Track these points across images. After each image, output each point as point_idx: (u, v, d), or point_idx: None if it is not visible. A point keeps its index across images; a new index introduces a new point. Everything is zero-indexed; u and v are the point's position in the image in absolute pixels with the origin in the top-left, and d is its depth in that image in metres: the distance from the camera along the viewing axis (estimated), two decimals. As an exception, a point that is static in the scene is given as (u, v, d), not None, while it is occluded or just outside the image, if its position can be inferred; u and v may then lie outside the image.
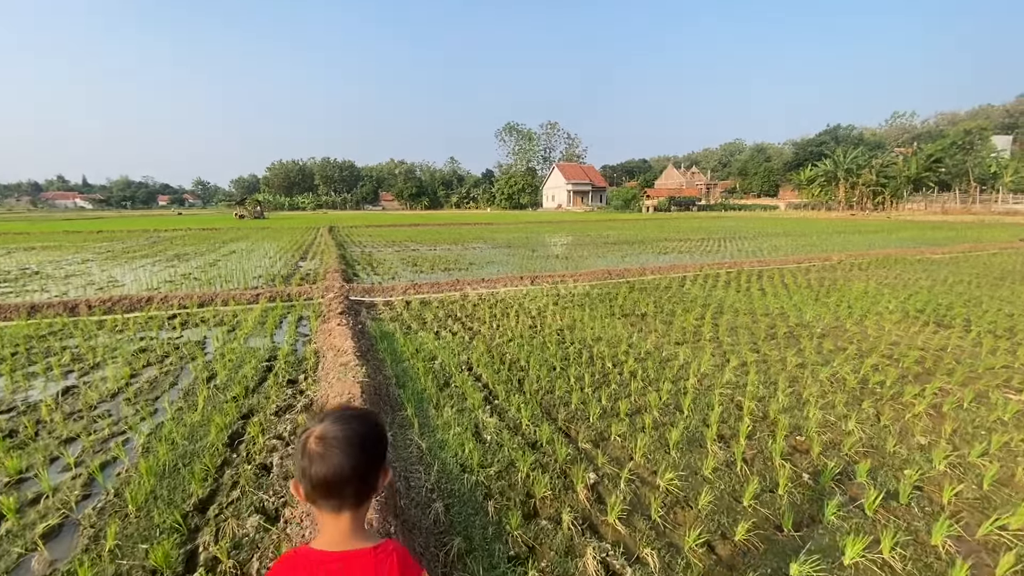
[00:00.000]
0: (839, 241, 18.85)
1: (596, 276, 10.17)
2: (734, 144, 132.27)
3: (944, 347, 5.40)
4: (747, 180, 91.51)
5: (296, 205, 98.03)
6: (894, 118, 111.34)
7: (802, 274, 10.45)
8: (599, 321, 6.51)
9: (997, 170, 48.26)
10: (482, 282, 9.36)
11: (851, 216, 44.86)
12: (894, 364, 4.88)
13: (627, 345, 5.42)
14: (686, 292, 8.59)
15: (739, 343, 5.51)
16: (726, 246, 17.36)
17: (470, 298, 8.16)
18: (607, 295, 8.29)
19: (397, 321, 6.66)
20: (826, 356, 5.09)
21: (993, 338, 5.71)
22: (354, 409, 1.13)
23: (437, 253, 15.72)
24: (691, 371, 4.56)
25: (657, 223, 35.23)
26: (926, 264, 12.02)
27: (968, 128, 52.95)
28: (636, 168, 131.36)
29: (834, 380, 4.44)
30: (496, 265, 12.53)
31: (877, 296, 8.02)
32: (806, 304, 7.51)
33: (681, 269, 11.04)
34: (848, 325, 6.31)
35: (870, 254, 13.59)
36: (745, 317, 6.76)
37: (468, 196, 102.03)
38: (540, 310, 7.20)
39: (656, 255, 14.85)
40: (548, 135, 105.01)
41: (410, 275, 11.07)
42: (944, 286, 8.97)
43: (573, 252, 15.68)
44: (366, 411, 1.16)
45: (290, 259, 13.90)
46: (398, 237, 22.87)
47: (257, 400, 3.94)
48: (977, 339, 5.67)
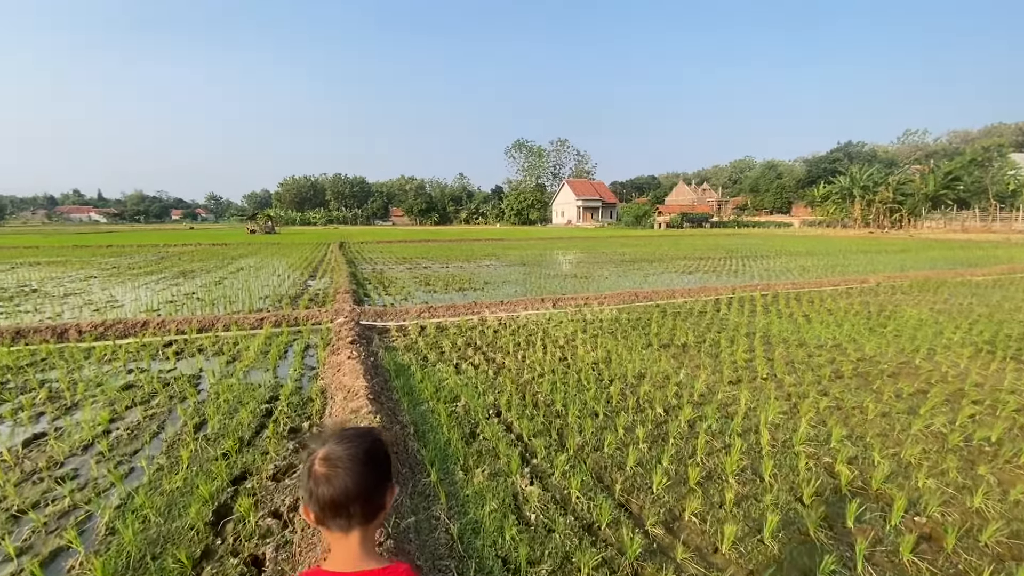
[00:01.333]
0: (867, 261, 18.07)
1: (622, 299, 9.52)
2: (744, 161, 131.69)
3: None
4: (759, 197, 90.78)
5: (307, 220, 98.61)
6: (906, 136, 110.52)
7: (843, 298, 9.73)
8: (636, 353, 5.85)
9: (1016, 188, 47.19)
10: (501, 305, 8.75)
11: (870, 234, 43.89)
12: (992, 413, 4.17)
13: (676, 385, 4.76)
14: (724, 318, 7.91)
15: (802, 383, 4.82)
16: (750, 265, 16.65)
17: (489, 323, 7.54)
18: (639, 321, 7.64)
19: (412, 351, 6.05)
20: (908, 402, 4.39)
21: (1094, 379, 4.98)
22: (356, 428, 1.14)
23: (449, 271, 15.16)
24: (760, 421, 3.88)
25: (672, 240, 34.56)
26: (972, 287, 11.24)
27: (986, 145, 51.96)
28: (645, 184, 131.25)
29: (931, 435, 3.75)
30: (512, 285, 11.93)
31: (936, 325, 7.29)
32: (860, 334, 6.80)
33: (712, 291, 10.36)
34: (917, 361, 5.61)
35: (908, 276, 12.82)
36: (798, 350, 6.07)
37: (477, 212, 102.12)
38: (568, 339, 6.56)
39: (679, 275, 14.18)
40: (558, 152, 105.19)
41: (423, 295, 10.49)
42: (1003, 313, 8.22)
43: (592, 271, 15.05)
44: (368, 429, 1.17)
45: (299, 277, 13.40)
46: (409, 254, 22.40)
47: (252, 457, 3.32)
48: (1076, 381, 4.95)
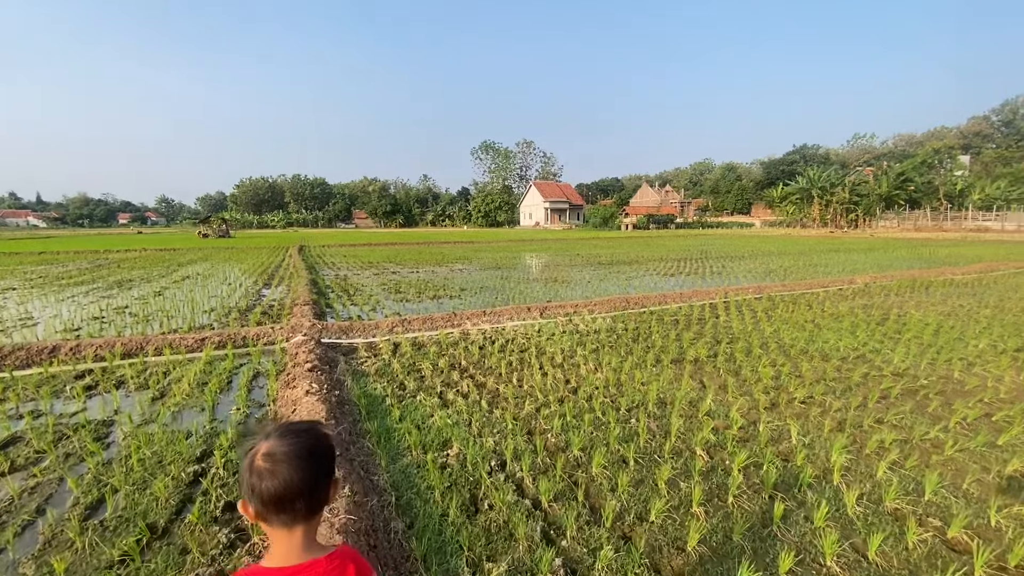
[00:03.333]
0: (842, 260, 18.07)
1: (613, 305, 8.78)
2: (703, 163, 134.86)
3: (1110, 408, 4.15)
4: (720, 198, 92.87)
5: (265, 223, 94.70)
6: (855, 139, 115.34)
7: (839, 300, 9.29)
8: (647, 371, 5.07)
9: (964, 188, 49.60)
10: (484, 315, 7.84)
11: (830, 233, 45.16)
12: (1076, 440, 3.58)
13: (706, 415, 3.99)
14: (727, 326, 7.26)
15: (849, 407, 4.14)
16: (730, 266, 16.31)
17: (473, 337, 6.64)
18: (638, 331, 6.89)
19: (386, 376, 5.08)
20: (980, 431, 3.75)
21: None
22: (299, 423, 1.12)
23: (420, 276, 14.13)
24: (831, 465, 3.14)
25: (642, 241, 34.41)
26: (959, 287, 11.08)
27: (936, 147, 54.55)
28: (609, 186, 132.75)
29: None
30: (491, 292, 11.03)
31: (952, 331, 6.84)
32: (880, 343, 6.25)
33: (704, 295, 9.76)
34: (957, 375, 5.05)
35: (893, 276, 12.64)
36: (823, 363, 5.44)
37: (443, 214, 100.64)
38: (566, 355, 5.73)
39: (661, 277, 13.61)
40: (524, 153, 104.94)
41: (394, 304, 9.47)
42: (1012, 315, 7.90)
43: (571, 275, 14.32)
44: (312, 424, 1.14)
45: (252, 286, 12.10)
46: (375, 257, 21.15)
47: (164, 562, 2.32)
48: None
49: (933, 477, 2.93)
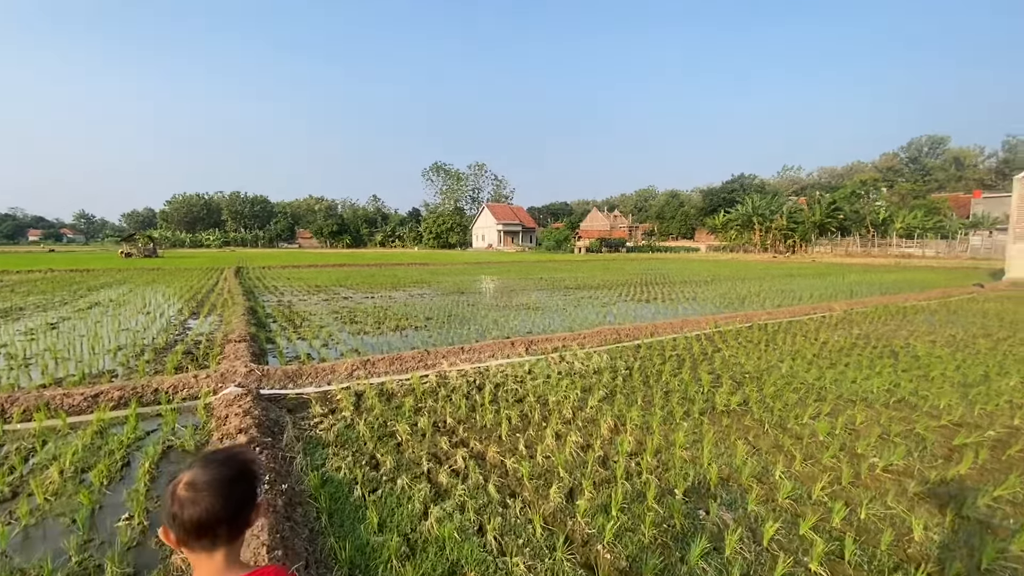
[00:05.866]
0: (804, 285, 18.24)
1: (604, 338, 7.86)
2: (647, 190, 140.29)
3: None
4: (665, 223, 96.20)
5: (199, 242, 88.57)
6: (784, 171, 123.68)
7: (830, 330, 8.84)
8: (679, 428, 4.10)
9: (886, 217, 53.55)
10: (461, 352, 6.68)
11: (773, 258, 47.16)
12: None
13: (789, 498, 3.04)
14: (734, 361, 6.49)
15: (946, 478, 3.33)
16: (700, 292, 15.96)
17: (454, 382, 5.47)
18: (644, 371, 5.96)
19: (351, 447, 3.82)
20: (1114, 505, 3.03)
21: None
22: (222, 451, 1.15)
23: (377, 302, 12.72)
24: None
25: (600, 264, 34.27)
26: (928, 314, 11.04)
27: (863, 179, 58.89)
28: (559, 210, 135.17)
29: None
30: (461, 321, 9.86)
31: (970, 366, 6.38)
32: (908, 381, 5.64)
33: (694, 325, 9.05)
34: (1016, 422, 4.43)
35: (865, 302, 12.57)
36: (869, 410, 4.69)
37: (394, 235, 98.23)
38: (576, 408, 4.68)
39: (637, 304, 12.93)
40: (476, 175, 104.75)
41: (350, 339, 8.11)
42: (1006, 345, 7.64)
43: (543, 300, 13.37)
44: (234, 451, 1.16)
45: (177, 316, 10.30)
46: (323, 280, 19.38)
47: None
48: None
49: None
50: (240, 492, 1.08)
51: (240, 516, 1.08)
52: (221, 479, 1.06)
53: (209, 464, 1.08)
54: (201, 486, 1.04)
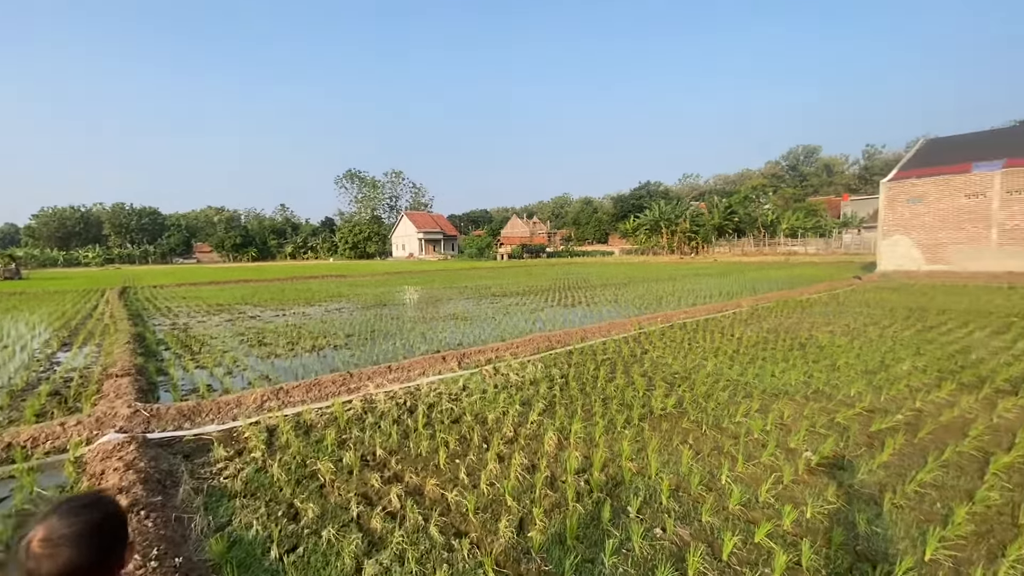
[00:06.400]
0: (711, 284, 19.50)
1: (536, 346, 7.72)
2: (562, 197, 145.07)
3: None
4: (580, 229, 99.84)
5: (75, 260, 78.03)
6: (685, 178, 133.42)
7: (743, 325, 9.39)
8: (623, 437, 3.99)
9: (774, 219, 59.43)
10: (388, 371, 6.21)
11: (680, 259, 50.41)
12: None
13: (741, 504, 3.00)
14: (662, 362, 6.62)
15: (874, 468, 3.49)
16: (620, 294, 16.48)
17: (382, 407, 5.01)
18: (580, 379, 5.87)
19: (263, 496, 3.29)
20: (1005, 481, 3.31)
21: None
22: (84, 496, 1.06)
23: (289, 320, 11.71)
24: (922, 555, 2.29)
25: (523, 270, 34.60)
26: (824, 305, 12.16)
27: (755, 185, 64.80)
28: (479, 218, 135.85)
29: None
30: (386, 336, 9.29)
31: (868, 354, 6.99)
32: (820, 372, 6.03)
33: (620, 328, 9.21)
34: (918, 404, 4.84)
35: (767, 298, 13.61)
36: (792, 403, 4.92)
37: (305, 246, 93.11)
38: (517, 423, 4.44)
39: (564, 308, 13.04)
40: (393, 183, 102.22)
41: (259, 363, 7.30)
42: (893, 331, 8.52)
43: (471, 309, 13.06)
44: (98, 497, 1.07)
45: (43, 348, 8.75)
46: (226, 298, 17.65)
47: None
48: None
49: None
50: (105, 538, 1.01)
51: (107, 562, 1.01)
52: (81, 528, 0.97)
53: (68, 513, 0.98)
54: (58, 540, 0.94)
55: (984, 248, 19.39)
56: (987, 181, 19.25)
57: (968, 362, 6.35)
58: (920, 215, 21.01)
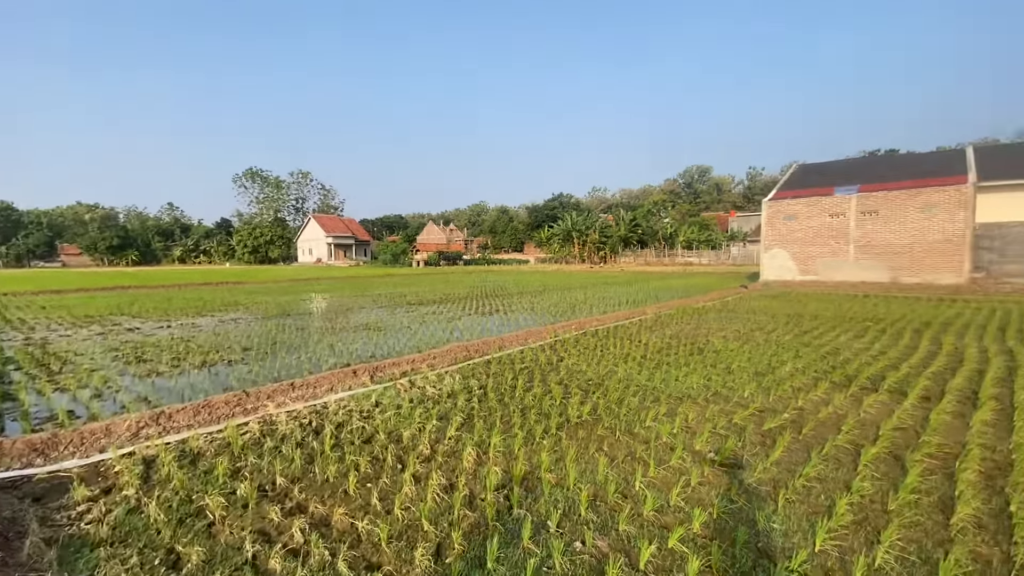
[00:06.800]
0: (619, 292, 20.51)
1: (454, 357, 7.57)
2: (479, 205, 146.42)
3: (938, 426, 4.74)
4: (497, 237, 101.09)
5: None
6: (594, 191, 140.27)
7: (648, 332, 9.94)
8: (540, 448, 3.99)
9: (672, 232, 64.31)
10: (291, 388, 5.73)
11: (590, 268, 52.62)
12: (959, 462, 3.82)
13: (656, 510, 3.09)
14: (577, 369, 6.78)
15: (769, 465, 3.79)
16: (535, 302, 16.78)
17: (283, 429, 4.60)
18: (499, 389, 5.83)
19: (133, 545, 2.83)
20: (883, 463, 3.75)
21: (919, 400, 5.43)
22: None
23: (176, 333, 10.50)
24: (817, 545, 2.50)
25: (441, 277, 34.16)
26: (717, 312, 13.24)
27: (656, 200, 69.49)
28: (394, 223, 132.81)
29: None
30: (289, 349, 8.62)
31: (757, 357, 7.66)
32: (718, 375, 6.51)
33: (537, 336, 9.34)
34: (800, 403, 5.36)
35: (668, 305, 14.56)
36: (695, 406, 5.23)
37: (197, 249, 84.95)
38: (434, 440, 4.27)
39: (481, 317, 12.99)
40: (300, 184, 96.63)
41: (136, 383, 6.42)
42: (776, 336, 9.44)
43: (385, 319, 12.55)
44: None
45: None
46: (99, 308, 15.46)
47: None
48: (916, 405, 5.29)
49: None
50: None
51: None
52: None
53: None
54: None
55: (844, 261, 22.32)
56: (846, 203, 22.24)
57: (838, 363, 7.19)
58: (794, 231, 23.74)
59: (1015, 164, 21.22)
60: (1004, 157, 22.58)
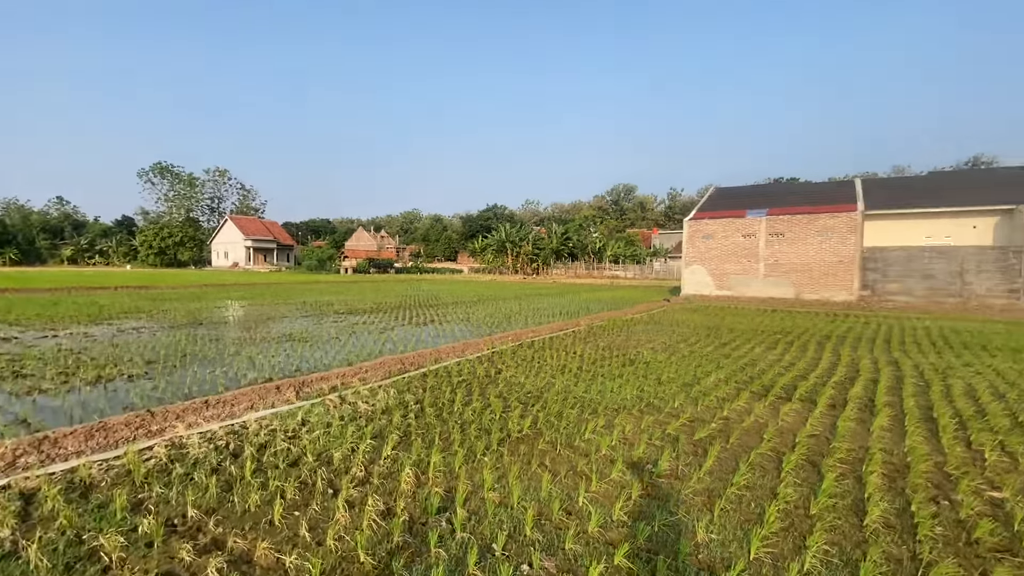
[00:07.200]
0: (552, 303, 20.87)
1: (388, 370, 7.26)
2: (412, 213, 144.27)
3: (852, 433, 5.16)
4: (430, 246, 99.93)
5: None
6: (527, 204, 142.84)
7: (582, 343, 10.15)
8: (482, 465, 3.89)
9: (601, 246, 66.86)
10: (205, 406, 5.20)
11: (524, 279, 53.28)
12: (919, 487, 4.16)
13: (601, 526, 3.08)
14: (516, 382, 6.74)
15: (703, 473, 3.93)
16: (471, 312, 16.65)
17: (195, 453, 4.14)
18: (437, 404, 5.64)
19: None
20: (805, 471, 4.01)
21: (830, 409, 5.93)
22: None
23: (64, 344, 9.26)
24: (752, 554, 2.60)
25: (371, 285, 33.02)
26: (644, 324, 13.82)
27: (587, 215, 71.88)
28: (321, 228, 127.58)
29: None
30: (202, 363, 7.88)
31: (683, 369, 8.03)
32: (650, 386, 6.74)
33: (474, 347, 9.21)
34: (725, 412, 5.66)
35: (599, 317, 15.00)
36: (630, 417, 5.36)
37: (92, 249, 76.50)
38: (368, 460, 4.02)
39: (416, 327, 12.65)
40: (216, 183, 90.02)
41: (13, 403, 5.55)
42: (698, 348, 9.98)
43: (312, 329, 11.85)
44: None
45: None
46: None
47: None
48: (825, 413, 5.76)
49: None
50: None
51: None
52: None
53: None
54: None
55: (754, 278, 24.22)
56: (757, 225, 24.20)
57: (755, 373, 7.70)
58: (712, 249, 25.46)
59: (894, 196, 24.16)
60: (885, 189, 25.64)
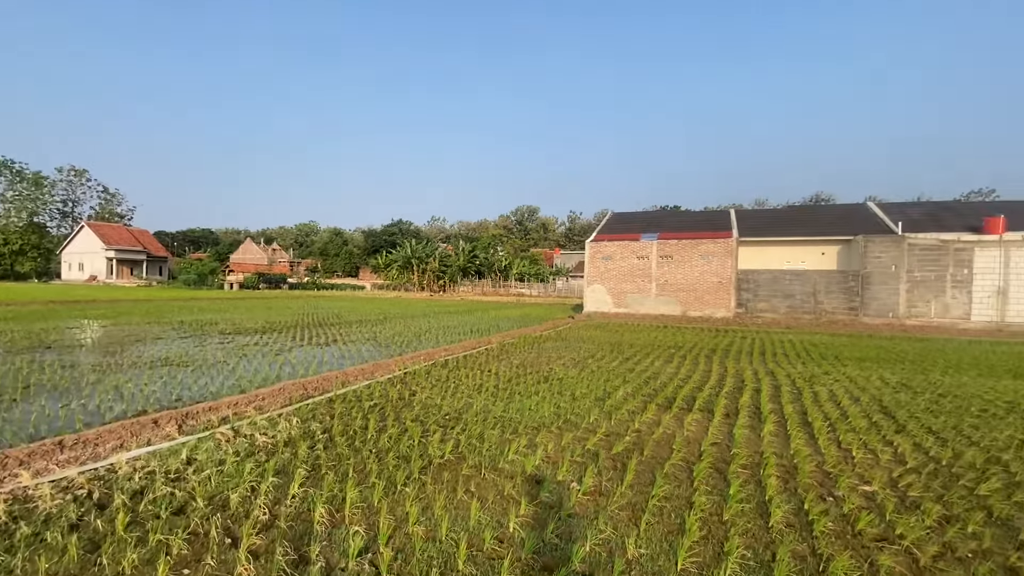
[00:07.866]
0: (462, 321, 20.70)
1: (289, 396, 6.62)
2: (309, 225, 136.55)
3: (758, 442, 5.59)
4: (329, 261, 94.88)
5: None
6: (433, 220, 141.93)
7: (496, 361, 10.13)
8: (403, 495, 3.64)
9: (507, 264, 68.20)
10: (59, 448, 4.32)
11: (430, 296, 52.45)
12: (832, 502, 4.53)
13: (534, 552, 3.00)
14: (433, 404, 6.51)
15: (616, 492, 4.02)
16: (377, 331, 15.93)
17: (46, 506, 3.40)
18: (347, 431, 5.23)
19: None
20: (715, 477, 4.27)
21: (726, 417, 6.45)
22: None
23: None
24: None
25: (261, 302, 30.35)
26: (552, 341, 14.20)
27: (494, 233, 72.88)
28: (201, 238, 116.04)
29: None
30: (53, 394, 6.60)
31: (593, 384, 8.30)
32: (565, 403, 6.86)
33: (384, 369, 8.76)
34: (636, 425, 5.91)
35: (510, 335, 15.12)
36: (551, 435, 5.39)
37: None
38: (273, 501, 3.58)
39: (317, 348, 11.78)
40: (71, 184, 78.07)
41: None
42: (604, 362, 10.42)
43: (196, 352, 10.50)
44: None
45: None
46: None
47: None
48: (722, 422, 6.25)
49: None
50: None
51: None
52: None
53: None
54: None
55: (647, 296, 26.09)
56: (649, 248, 26.18)
57: (658, 386, 8.19)
58: (611, 269, 27.04)
59: (761, 225, 27.56)
60: (753, 219, 29.16)
